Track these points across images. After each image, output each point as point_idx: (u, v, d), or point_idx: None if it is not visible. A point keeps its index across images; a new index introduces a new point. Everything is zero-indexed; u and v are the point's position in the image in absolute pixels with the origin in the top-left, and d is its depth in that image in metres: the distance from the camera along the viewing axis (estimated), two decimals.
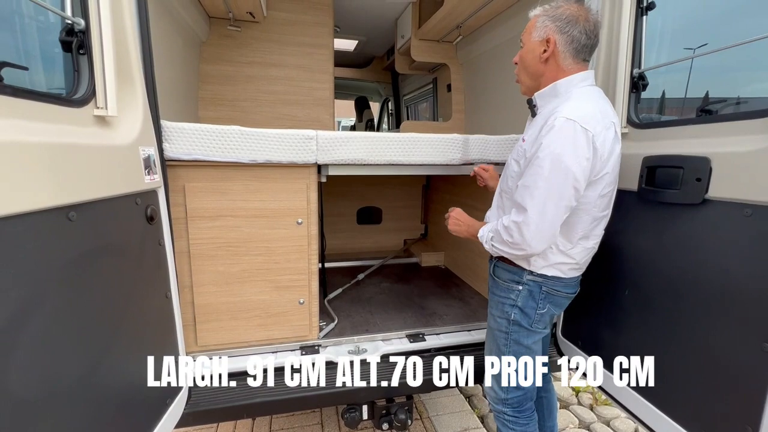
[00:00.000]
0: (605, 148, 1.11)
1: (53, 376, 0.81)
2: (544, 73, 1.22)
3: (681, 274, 1.18)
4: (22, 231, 0.71)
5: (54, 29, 1.01)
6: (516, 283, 1.32)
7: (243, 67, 2.90)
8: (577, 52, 1.18)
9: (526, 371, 1.37)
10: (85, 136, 0.96)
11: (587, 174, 1.10)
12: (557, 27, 1.17)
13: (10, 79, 0.84)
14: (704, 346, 1.12)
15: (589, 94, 1.17)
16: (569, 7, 1.18)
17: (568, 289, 1.34)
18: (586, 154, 1.07)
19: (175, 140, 1.41)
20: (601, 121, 1.10)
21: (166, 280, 1.32)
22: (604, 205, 1.22)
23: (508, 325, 1.35)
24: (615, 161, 1.17)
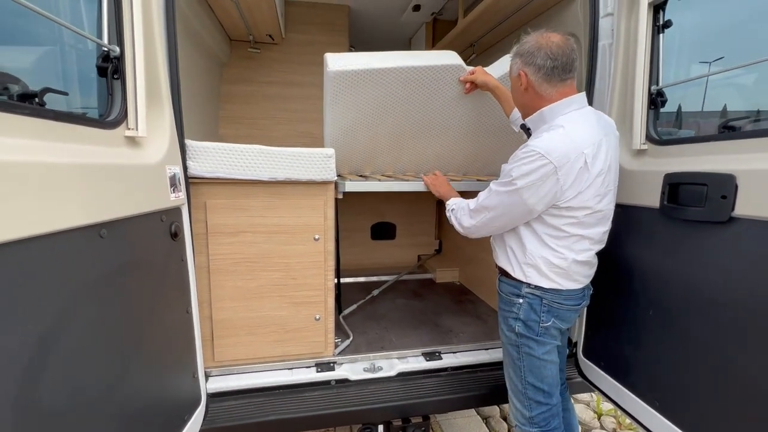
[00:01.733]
0: (568, 179, 1.15)
1: (80, 390, 0.82)
2: (528, 103, 1.31)
3: (708, 294, 1.15)
4: (58, 248, 0.74)
5: (89, 56, 1.07)
6: (516, 296, 1.35)
7: (262, 87, 2.99)
8: (549, 77, 1.23)
9: (544, 382, 1.36)
10: (116, 156, 1.00)
11: (545, 201, 1.19)
12: (523, 61, 1.26)
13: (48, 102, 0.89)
14: (735, 371, 1.07)
15: (571, 121, 1.21)
16: (532, 38, 1.26)
17: (570, 302, 1.33)
18: (546, 185, 1.15)
19: (199, 159, 1.45)
20: (569, 153, 1.14)
21: (187, 296, 1.34)
22: (579, 227, 1.24)
23: (517, 338, 1.37)
24: (582, 188, 1.18)
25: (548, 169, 1.14)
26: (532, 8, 2.19)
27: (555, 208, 1.21)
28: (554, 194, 1.17)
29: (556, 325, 1.33)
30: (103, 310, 0.89)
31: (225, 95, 2.91)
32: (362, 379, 1.74)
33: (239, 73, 2.93)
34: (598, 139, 1.21)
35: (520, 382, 1.39)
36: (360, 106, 1.73)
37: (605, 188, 1.24)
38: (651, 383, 1.37)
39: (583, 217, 1.22)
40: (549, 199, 1.18)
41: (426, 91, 1.77)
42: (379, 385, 1.73)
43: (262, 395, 1.62)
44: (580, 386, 1.78)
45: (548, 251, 1.27)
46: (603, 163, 1.20)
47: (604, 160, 1.21)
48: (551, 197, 1.18)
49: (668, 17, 1.44)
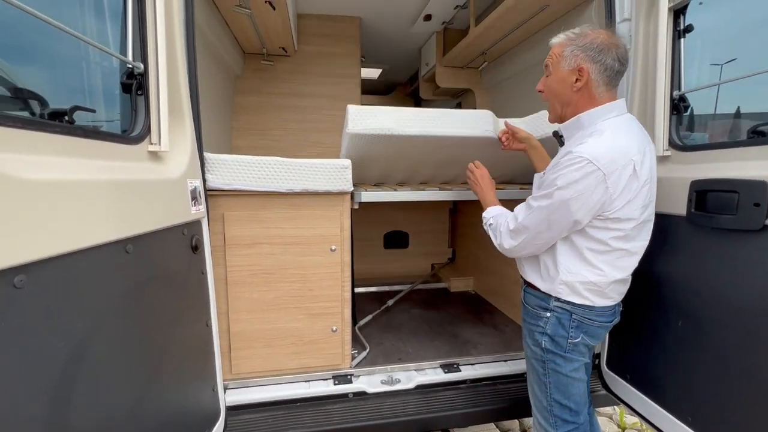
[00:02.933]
0: (617, 187, 1.08)
1: (107, 403, 0.82)
2: (576, 102, 1.20)
3: (741, 305, 1.11)
4: (87, 264, 0.75)
5: (113, 73, 1.09)
6: (544, 309, 1.27)
7: (274, 98, 3.02)
8: (610, 80, 1.16)
9: (571, 400, 1.29)
10: (140, 171, 1.01)
11: (593, 212, 1.11)
12: (589, 56, 1.15)
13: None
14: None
15: (614, 127, 1.13)
16: (599, 35, 1.16)
17: (602, 318, 1.24)
18: (595, 195, 1.08)
19: (217, 171, 1.46)
20: (618, 160, 1.07)
21: (207, 309, 1.34)
22: (624, 240, 1.16)
23: (543, 354, 1.29)
24: (631, 197, 1.11)
25: (597, 176, 1.06)
26: (545, 15, 2.19)
27: (600, 220, 1.13)
28: (602, 204, 1.09)
29: (585, 341, 1.25)
30: (128, 326, 0.89)
31: (238, 106, 2.95)
32: (380, 391, 1.71)
33: (252, 84, 2.97)
34: (644, 146, 1.15)
35: (546, 399, 1.33)
36: (380, 153, 1.72)
37: (649, 198, 1.17)
38: (683, 398, 1.32)
39: (630, 230, 1.14)
40: (596, 209, 1.10)
41: (454, 150, 1.74)
42: (397, 398, 1.70)
43: (280, 408, 1.61)
44: (604, 399, 1.72)
45: (587, 268, 1.18)
46: (648, 171, 1.14)
47: (650, 169, 1.15)
48: (599, 207, 1.10)
49: (688, 21, 1.42)
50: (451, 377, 1.80)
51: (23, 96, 0.90)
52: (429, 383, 1.77)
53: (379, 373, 1.81)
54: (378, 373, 1.80)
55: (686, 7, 1.40)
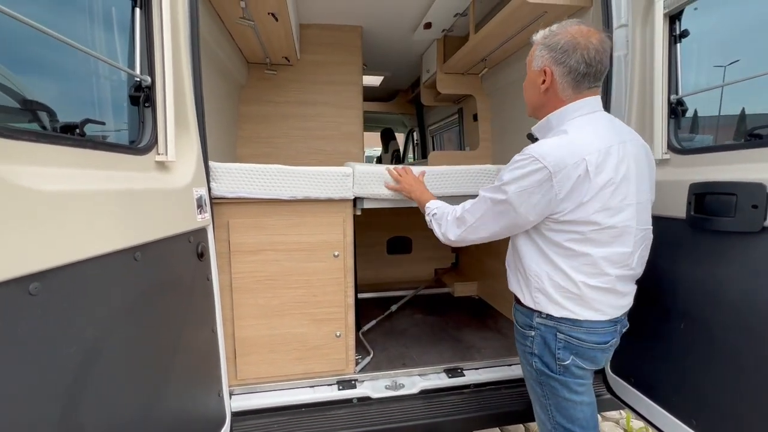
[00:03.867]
0: (563, 187, 1.02)
1: (117, 408, 0.84)
2: (545, 104, 1.17)
3: (741, 306, 1.11)
4: (98, 272, 0.77)
5: (121, 86, 1.12)
6: (529, 327, 1.21)
7: (278, 107, 3.07)
8: (577, 83, 1.09)
9: (576, 424, 1.20)
10: (147, 180, 1.04)
11: (540, 210, 1.07)
12: (553, 57, 1.09)
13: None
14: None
15: (578, 126, 1.09)
16: (567, 32, 1.09)
17: (594, 338, 1.13)
18: (539, 192, 1.04)
19: (222, 180, 1.49)
20: (567, 158, 1.01)
21: (212, 315, 1.36)
22: (585, 244, 1.07)
23: (538, 375, 1.22)
24: (583, 199, 1.03)
25: (542, 174, 1.01)
26: (543, 22, 2.21)
27: (554, 222, 1.08)
28: (548, 202, 1.04)
29: (578, 364, 1.14)
30: (137, 331, 0.91)
31: (242, 115, 3.00)
32: (384, 396, 1.72)
33: (256, 94, 3.01)
34: (607, 145, 1.05)
35: (549, 422, 1.24)
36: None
37: (619, 201, 1.06)
38: (687, 400, 1.32)
39: (590, 232, 1.06)
40: (542, 208, 1.06)
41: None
42: (401, 403, 1.71)
43: (285, 414, 1.62)
44: (608, 403, 1.72)
45: (551, 268, 1.12)
46: (613, 172, 1.04)
47: (615, 169, 1.05)
48: (544, 206, 1.05)
49: (684, 26, 1.44)
50: (455, 382, 1.81)
51: (32, 107, 0.94)
52: (433, 388, 1.77)
53: (383, 378, 1.82)
54: (382, 379, 1.81)
55: (681, 12, 1.42)
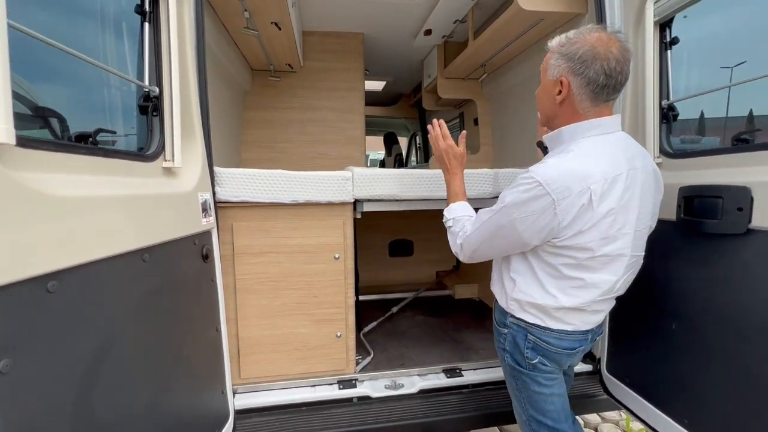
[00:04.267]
0: (567, 216, 1.00)
1: (126, 402, 0.89)
2: (559, 115, 1.12)
3: (727, 307, 1.14)
4: (109, 271, 0.82)
5: (131, 96, 1.18)
6: (503, 325, 1.26)
7: (282, 112, 3.13)
8: (596, 95, 1.04)
9: (547, 416, 1.24)
10: (155, 186, 1.09)
11: (542, 235, 1.05)
12: (570, 68, 1.04)
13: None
14: (759, 386, 1.06)
15: (586, 148, 1.05)
16: (586, 41, 1.03)
17: (562, 344, 1.16)
18: (542, 219, 1.02)
19: (226, 184, 1.55)
20: (573, 186, 0.99)
21: (217, 314, 1.41)
22: (579, 269, 1.07)
23: (511, 370, 1.27)
24: (583, 228, 1.02)
25: (546, 201, 0.99)
26: (540, 29, 2.25)
27: (551, 246, 1.07)
28: (551, 230, 1.03)
29: (543, 362, 1.19)
30: (145, 328, 0.96)
31: (247, 121, 3.07)
32: (384, 396, 1.76)
33: (260, 100, 3.08)
34: (615, 173, 1.02)
35: (524, 413, 1.30)
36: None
37: (617, 230, 1.04)
38: (678, 399, 1.35)
39: (585, 260, 1.05)
40: (545, 234, 1.04)
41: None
42: (400, 403, 1.74)
43: (287, 412, 1.66)
44: (605, 404, 1.74)
45: (539, 291, 1.12)
46: (616, 202, 1.02)
47: (620, 198, 1.02)
48: (547, 232, 1.03)
49: (675, 34, 1.48)
50: (453, 382, 1.84)
51: (50, 116, 0.99)
52: (431, 388, 1.81)
53: (382, 378, 1.85)
54: (382, 378, 1.85)
55: (672, 20, 1.46)
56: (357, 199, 1.72)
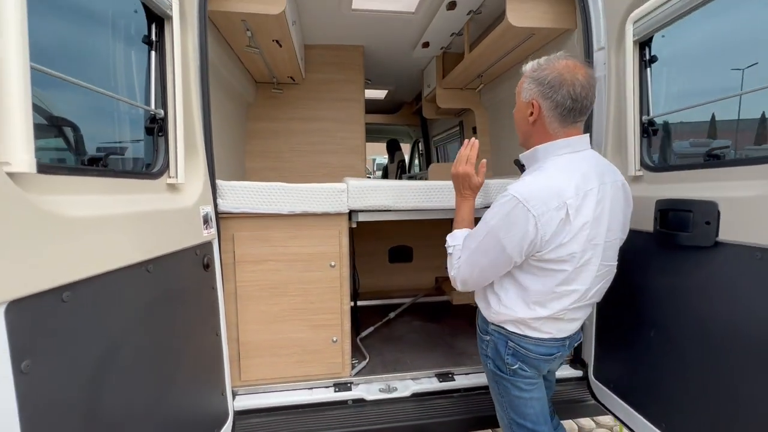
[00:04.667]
0: (548, 230, 1.06)
1: (132, 401, 0.98)
2: (533, 134, 1.21)
3: (698, 316, 1.19)
4: (117, 283, 0.91)
5: (138, 119, 1.28)
6: (486, 333, 1.33)
7: (284, 123, 3.24)
8: (563, 117, 1.14)
9: (527, 419, 1.31)
10: (159, 201, 1.19)
11: (523, 249, 1.10)
12: (540, 91, 1.14)
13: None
14: (729, 392, 1.11)
15: (562, 165, 1.13)
16: (555, 67, 1.13)
17: (540, 350, 1.23)
18: (521, 232, 1.07)
19: (227, 196, 1.64)
20: (549, 202, 1.06)
21: (217, 320, 1.50)
22: (560, 282, 1.14)
23: (493, 375, 1.34)
24: (563, 241, 1.08)
25: (527, 217, 1.05)
26: (532, 42, 2.32)
27: (535, 260, 1.13)
28: (534, 245, 1.09)
29: (523, 368, 1.25)
30: (150, 334, 1.05)
31: (251, 132, 3.18)
32: (377, 399, 1.83)
33: (264, 111, 3.19)
34: (587, 188, 1.10)
35: (505, 416, 1.37)
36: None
37: (589, 242, 1.11)
38: (656, 404, 1.40)
39: (563, 271, 1.12)
40: (530, 249, 1.10)
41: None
42: (393, 405, 1.81)
43: (284, 413, 1.74)
44: (593, 409, 1.79)
45: (521, 305, 1.19)
46: (590, 213, 1.09)
47: (593, 210, 1.10)
48: (531, 247, 1.09)
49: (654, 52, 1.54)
50: (446, 386, 1.90)
51: (58, 123, 1.09)
52: (424, 391, 1.87)
53: (377, 381, 1.92)
54: (376, 382, 1.92)
55: (651, 39, 1.52)
56: (352, 209, 1.80)
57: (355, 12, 2.60)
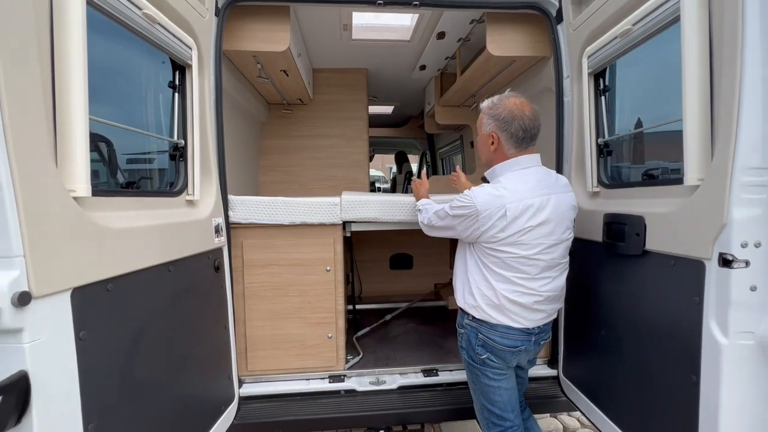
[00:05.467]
0: (486, 223, 1.35)
1: (158, 377, 1.24)
2: (494, 159, 1.49)
3: (634, 315, 1.37)
4: (146, 278, 1.18)
5: (164, 147, 1.57)
6: (461, 326, 1.55)
7: (294, 140, 3.54)
8: (518, 143, 1.42)
9: (495, 406, 1.49)
10: (179, 215, 1.46)
11: (472, 234, 1.41)
12: (497, 125, 1.42)
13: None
14: (657, 381, 1.28)
15: (510, 179, 1.40)
16: (506, 106, 1.41)
17: (506, 342, 1.42)
18: (469, 221, 1.38)
19: (238, 209, 1.92)
20: (491, 203, 1.35)
21: (225, 315, 1.76)
22: (505, 267, 1.39)
23: (467, 365, 1.54)
24: (502, 236, 1.34)
25: (471, 211, 1.36)
26: (515, 68, 2.53)
27: (485, 246, 1.40)
28: (474, 230, 1.38)
29: (492, 360, 1.44)
30: (170, 321, 1.32)
31: (264, 148, 3.49)
32: (368, 390, 2.04)
33: (275, 129, 3.51)
34: (531, 201, 1.35)
35: (477, 402, 1.58)
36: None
37: (533, 239, 1.36)
38: (608, 395, 1.56)
39: (507, 258, 1.37)
40: (472, 232, 1.40)
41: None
42: (382, 396, 2.02)
43: (284, 400, 1.98)
44: (564, 405, 1.96)
45: (482, 279, 1.43)
46: (530, 220, 1.34)
47: (532, 217, 1.34)
48: (473, 231, 1.39)
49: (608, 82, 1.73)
50: (430, 381, 2.10)
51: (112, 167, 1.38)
52: (410, 385, 2.08)
53: (368, 375, 2.14)
54: (367, 375, 2.14)
55: (605, 71, 1.72)
56: (345, 220, 2.05)
57: (356, 41, 2.88)
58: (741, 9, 0.97)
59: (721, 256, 1.02)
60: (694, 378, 1.10)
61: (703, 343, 1.08)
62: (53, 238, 0.86)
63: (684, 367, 1.14)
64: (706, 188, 1.09)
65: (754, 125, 0.98)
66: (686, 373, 1.13)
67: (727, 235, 1.01)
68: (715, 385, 1.04)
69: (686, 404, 1.13)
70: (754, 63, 0.97)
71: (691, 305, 1.12)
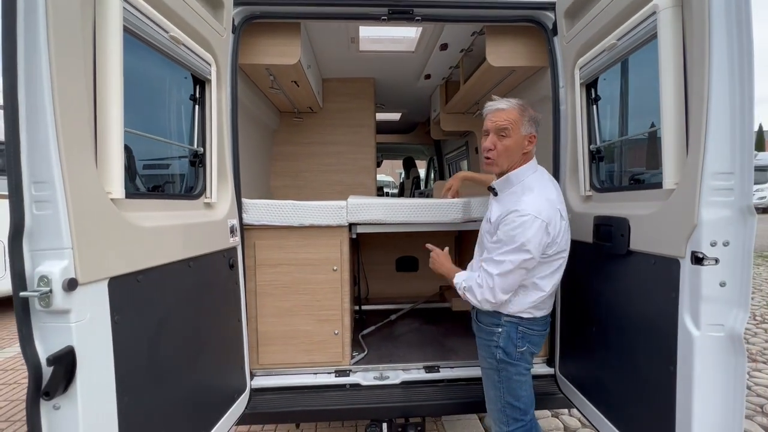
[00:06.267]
0: (556, 230, 1.40)
1: (176, 353, 1.36)
2: (518, 163, 1.52)
3: (621, 311, 1.45)
4: (169, 271, 1.32)
5: (185, 154, 1.72)
6: (496, 326, 1.54)
7: (304, 146, 3.69)
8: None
9: (521, 401, 1.54)
10: (198, 216, 1.60)
11: (542, 250, 1.40)
12: (535, 127, 1.51)
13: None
14: (640, 373, 1.36)
15: (537, 182, 1.48)
16: (530, 107, 1.53)
17: (540, 327, 1.54)
18: (542, 238, 1.37)
19: (251, 212, 2.05)
20: (549, 210, 1.39)
21: (239, 309, 1.89)
22: (554, 268, 1.48)
23: (497, 364, 1.54)
24: (562, 234, 1.44)
25: (543, 226, 1.36)
26: (515, 77, 2.64)
27: (545, 255, 1.43)
28: (547, 244, 1.40)
29: (530, 350, 1.52)
30: (189, 311, 1.45)
31: (275, 154, 3.65)
32: (372, 384, 2.14)
33: (286, 136, 3.67)
34: (560, 196, 1.49)
35: (500, 401, 1.57)
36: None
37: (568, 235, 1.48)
38: (600, 391, 1.64)
39: (557, 259, 1.46)
40: (544, 248, 1.40)
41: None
42: (385, 390, 2.12)
43: (293, 392, 2.09)
44: (561, 402, 2.03)
45: (535, 293, 1.47)
46: (566, 214, 1.47)
47: (566, 212, 1.47)
48: (545, 247, 1.40)
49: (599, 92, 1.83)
50: (431, 376, 2.19)
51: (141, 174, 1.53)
52: (412, 380, 2.17)
53: (372, 370, 2.24)
54: (371, 371, 2.24)
55: (596, 82, 1.82)
56: (351, 222, 2.17)
57: (363, 53, 3.02)
58: (708, 29, 1.07)
59: (693, 254, 1.11)
60: (672, 368, 1.18)
61: (678, 335, 1.16)
62: (94, 233, 1.00)
63: (663, 358, 1.22)
64: (680, 191, 1.18)
65: (721, 133, 1.07)
66: (665, 363, 1.21)
67: (698, 235, 1.10)
68: (688, 373, 1.12)
69: (665, 392, 1.21)
70: (721, 79, 1.07)
71: (669, 300, 1.20)
